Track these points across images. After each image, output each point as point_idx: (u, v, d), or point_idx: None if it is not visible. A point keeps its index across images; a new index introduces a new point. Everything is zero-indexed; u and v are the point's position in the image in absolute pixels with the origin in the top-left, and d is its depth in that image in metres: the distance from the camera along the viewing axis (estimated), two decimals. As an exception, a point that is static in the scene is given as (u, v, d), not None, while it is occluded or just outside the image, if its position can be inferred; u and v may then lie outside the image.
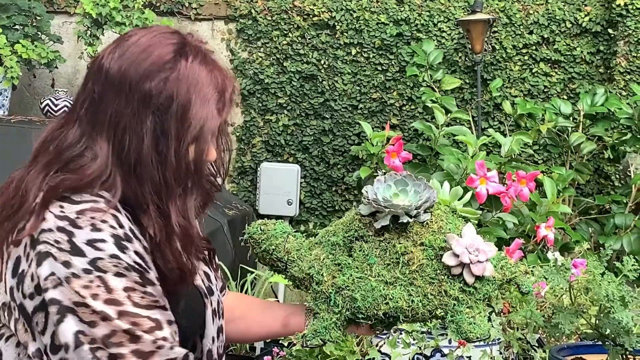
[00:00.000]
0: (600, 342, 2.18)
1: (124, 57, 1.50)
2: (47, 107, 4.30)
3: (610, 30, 4.57)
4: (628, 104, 3.97)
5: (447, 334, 2.19)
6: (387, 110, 4.72)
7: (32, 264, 1.41)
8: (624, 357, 2.07)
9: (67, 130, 1.50)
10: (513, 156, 2.43)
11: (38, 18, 4.39)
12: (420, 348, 2.15)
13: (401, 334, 2.17)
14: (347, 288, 1.67)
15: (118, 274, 1.41)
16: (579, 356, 2.25)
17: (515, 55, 4.66)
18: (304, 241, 1.78)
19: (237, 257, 3.66)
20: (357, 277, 1.67)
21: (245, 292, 3.34)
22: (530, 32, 4.66)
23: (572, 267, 2.11)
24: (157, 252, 1.50)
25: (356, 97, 4.76)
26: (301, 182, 4.76)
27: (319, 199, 4.81)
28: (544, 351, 2.27)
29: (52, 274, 1.39)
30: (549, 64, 4.67)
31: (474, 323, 1.63)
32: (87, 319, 1.39)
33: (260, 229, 1.77)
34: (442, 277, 1.65)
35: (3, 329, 1.52)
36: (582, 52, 4.62)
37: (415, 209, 1.68)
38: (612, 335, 2.07)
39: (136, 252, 1.44)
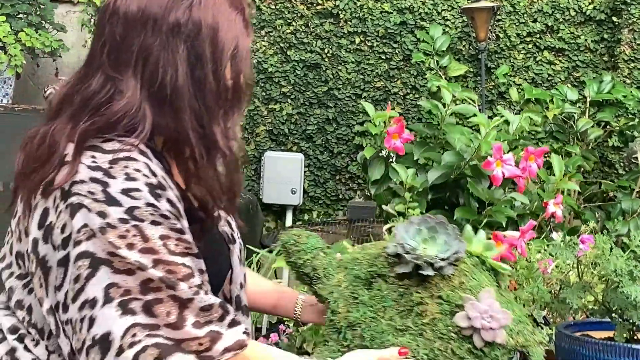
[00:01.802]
0: (606, 320, 2.17)
1: None
2: (50, 96, 4.30)
3: (614, 18, 4.56)
4: (637, 88, 3.97)
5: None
6: (391, 99, 4.72)
7: (63, 216, 1.40)
8: (632, 332, 2.06)
9: (90, 80, 1.49)
10: (522, 134, 2.43)
11: (42, 7, 4.39)
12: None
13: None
14: (359, 325, 1.69)
15: (154, 222, 1.40)
16: (585, 333, 2.24)
17: (520, 44, 4.65)
18: (333, 259, 1.79)
19: (243, 241, 3.65)
20: (370, 317, 1.69)
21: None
22: (535, 20, 4.65)
23: (579, 243, 2.11)
24: (196, 179, 1.49)
25: (360, 86, 4.75)
26: (305, 171, 4.76)
27: (322, 188, 4.81)
28: (550, 328, 2.27)
29: (85, 225, 1.38)
30: (553, 52, 4.66)
31: None
32: (122, 268, 1.38)
33: (293, 240, 1.78)
34: (453, 334, 1.66)
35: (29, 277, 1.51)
36: (586, 40, 4.62)
37: (440, 261, 1.67)
38: (620, 311, 2.06)
39: (169, 200, 1.43)
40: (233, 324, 1.47)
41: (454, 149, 2.18)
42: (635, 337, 2.09)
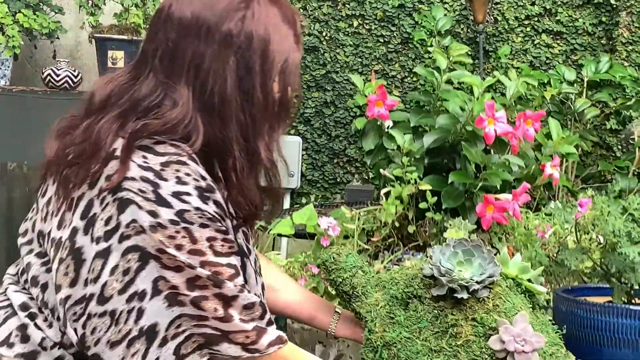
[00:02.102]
0: (604, 286, 2.17)
1: (194, 2, 1.51)
2: (48, 77, 4.30)
3: (612, 1, 4.55)
4: (631, 65, 3.96)
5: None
6: (388, 82, 4.71)
7: (109, 209, 1.42)
8: (629, 295, 2.06)
9: (141, 82, 1.51)
10: (518, 99, 2.43)
11: (39, -12, 4.38)
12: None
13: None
14: (394, 345, 1.73)
15: (202, 225, 1.43)
16: (583, 298, 2.24)
17: (518, 27, 4.65)
18: (371, 277, 1.84)
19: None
20: (405, 337, 1.74)
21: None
22: (533, 4, 4.65)
23: (578, 207, 2.11)
24: (237, 190, 1.51)
25: (358, 69, 4.75)
26: (303, 154, 4.76)
27: (320, 172, 4.80)
28: (548, 294, 2.26)
29: (134, 221, 1.40)
30: (551, 36, 4.66)
31: None
32: (171, 265, 1.40)
33: (333, 258, 1.84)
34: (486, 356, 1.71)
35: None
36: (584, 23, 4.61)
37: (476, 283, 1.72)
38: (618, 273, 2.06)
39: (216, 202, 1.46)
40: (271, 322, 1.52)
41: (449, 113, 2.18)
42: (633, 301, 2.09)
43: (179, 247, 1.40)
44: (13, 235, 3.61)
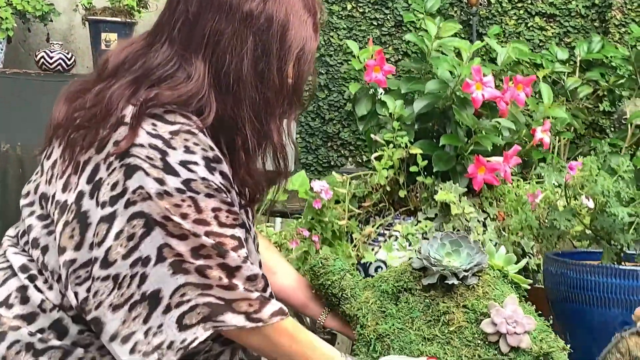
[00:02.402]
0: (594, 250, 2.18)
1: None
2: (42, 60, 4.30)
3: (605, -17, 4.57)
4: (625, 45, 3.97)
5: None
6: (382, 66, 4.72)
7: (115, 174, 1.42)
8: (619, 257, 2.07)
9: (156, 51, 1.51)
10: (509, 65, 2.44)
11: (33, -30, 4.38)
12: (415, 252, 2.15)
13: (397, 239, 2.18)
14: (388, 337, 1.77)
15: (208, 195, 1.43)
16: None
17: (511, 9, 4.66)
18: (359, 280, 1.88)
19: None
20: (398, 328, 1.77)
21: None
22: (526, -14, 4.67)
23: (568, 169, 2.11)
24: (245, 170, 1.53)
25: (351, 52, 4.74)
26: (296, 138, 4.76)
27: (314, 155, 4.81)
28: (538, 259, 2.27)
29: (141, 187, 1.40)
30: (545, 18, 4.67)
31: None
32: (176, 232, 1.41)
33: (321, 263, 1.87)
34: (479, 341, 1.75)
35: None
36: (577, 5, 4.62)
37: (464, 272, 1.78)
38: (607, 235, 2.06)
39: (222, 173, 1.47)
40: (272, 295, 1.52)
41: (438, 78, 2.18)
42: (622, 263, 2.10)
43: (184, 216, 1.41)
44: (6, 217, 3.62)
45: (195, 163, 1.43)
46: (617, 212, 1.99)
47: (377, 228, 2.21)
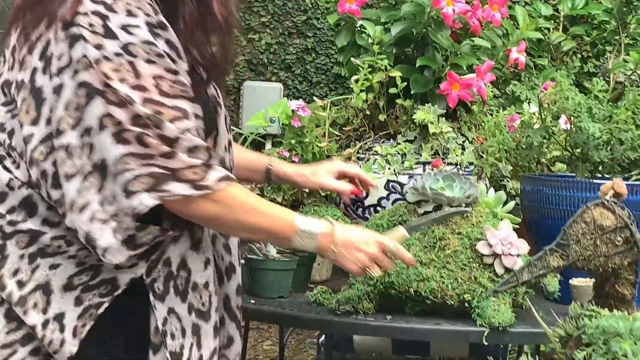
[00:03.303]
0: (569, 174, 2.21)
1: None
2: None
3: (589, -56, 4.60)
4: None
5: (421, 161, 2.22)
6: (369, 28, 4.75)
7: (62, 45, 1.44)
8: (592, 173, 2.10)
9: None
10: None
11: None
12: (394, 173, 2.19)
13: (375, 161, 2.21)
14: None
15: (148, 61, 1.45)
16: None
17: (496, -28, 4.69)
18: (353, 223, 1.97)
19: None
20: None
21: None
22: (511, -52, 4.70)
23: (542, 89, 2.15)
24: (186, 39, 1.53)
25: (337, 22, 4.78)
26: (284, 100, 4.79)
27: (302, 117, 4.84)
28: (514, 184, 2.31)
29: (84, 56, 1.43)
30: (530, -19, 4.70)
31: (498, 310, 1.78)
32: (115, 100, 1.42)
33: (313, 210, 1.94)
34: (474, 264, 1.82)
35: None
36: (562, -33, 4.65)
37: (459, 200, 1.86)
38: (583, 152, 2.10)
39: (168, 41, 1.48)
40: (217, 165, 1.53)
41: (413, 1, 2.22)
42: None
43: (122, 80, 1.42)
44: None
45: (137, 26, 1.44)
46: (589, 127, 2.02)
47: (358, 152, 2.24)
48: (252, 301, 1.94)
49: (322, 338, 3.18)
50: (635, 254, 1.37)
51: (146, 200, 1.43)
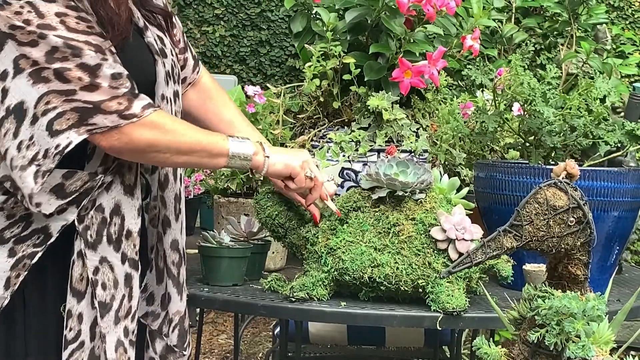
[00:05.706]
0: (522, 161, 2.22)
1: None
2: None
3: (541, -62, 4.63)
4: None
5: (375, 147, 2.21)
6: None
7: None
8: (545, 158, 2.11)
9: None
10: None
11: None
12: (349, 160, 2.18)
13: (329, 148, 2.20)
14: (339, 249, 1.82)
15: (48, 0, 1.45)
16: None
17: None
18: (305, 212, 1.92)
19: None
20: (349, 241, 1.83)
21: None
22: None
23: (496, 74, 2.15)
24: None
25: (293, 7, 4.76)
26: (238, 93, 4.77)
27: (256, 110, 4.82)
28: (469, 169, 2.32)
29: None
30: (483, -26, 4.72)
31: (452, 296, 1.78)
32: (25, 40, 1.42)
33: (267, 196, 1.91)
34: (428, 250, 1.82)
35: None
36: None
37: (412, 185, 1.85)
38: (536, 138, 2.11)
39: None
40: (142, 95, 1.51)
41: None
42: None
43: (27, 22, 1.42)
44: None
45: None
46: (543, 111, 2.03)
47: (312, 139, 2.23)
48: (206, 289, 1.91)
49: (277, 330, 3.17)
50: (587, 234, 1.37)
51: (73, 137, 1.43)
